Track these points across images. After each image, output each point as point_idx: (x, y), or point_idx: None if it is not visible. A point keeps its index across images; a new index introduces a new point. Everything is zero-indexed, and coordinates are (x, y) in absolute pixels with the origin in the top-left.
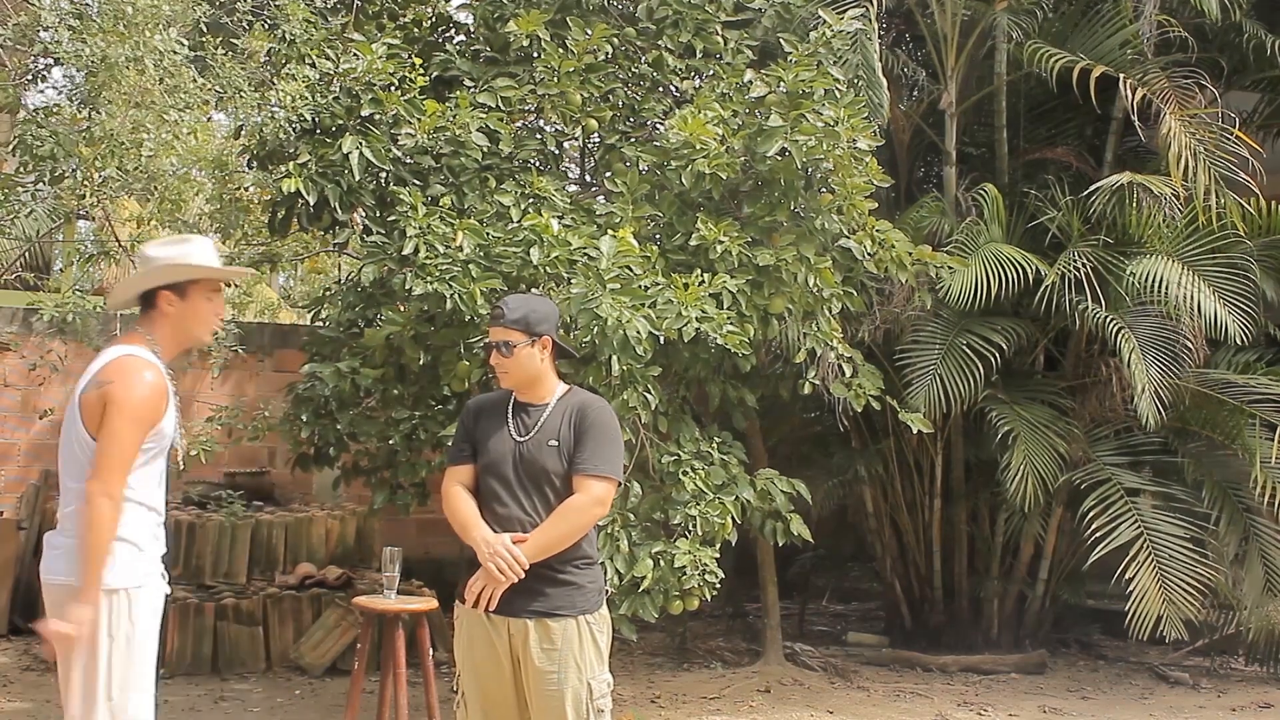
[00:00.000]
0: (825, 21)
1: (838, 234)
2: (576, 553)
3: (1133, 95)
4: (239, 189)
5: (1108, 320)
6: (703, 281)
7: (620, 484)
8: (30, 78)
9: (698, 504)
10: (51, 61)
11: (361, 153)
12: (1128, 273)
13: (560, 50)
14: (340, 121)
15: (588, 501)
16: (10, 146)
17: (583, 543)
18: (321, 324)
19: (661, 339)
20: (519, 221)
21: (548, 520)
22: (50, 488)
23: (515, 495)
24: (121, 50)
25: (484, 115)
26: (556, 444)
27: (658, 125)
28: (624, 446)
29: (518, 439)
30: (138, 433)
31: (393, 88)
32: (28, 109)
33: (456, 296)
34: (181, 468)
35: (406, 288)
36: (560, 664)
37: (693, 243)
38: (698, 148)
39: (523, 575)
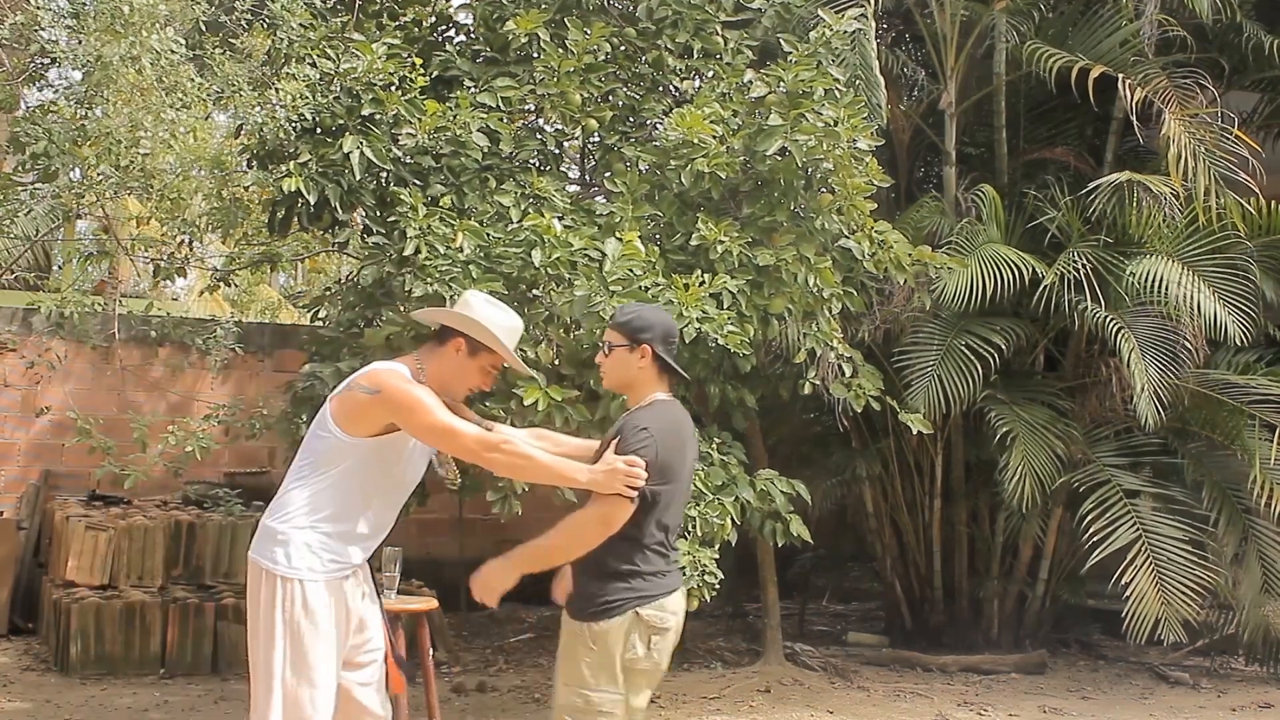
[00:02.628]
0: (825, 21)
1: (838, 234)
2: (593, 563)
3: (1132, 95)
4: (239, 188)
5: (1107, 320)
6: (703, 282)
7: (634, 499)
8: (28, 77)
9: (697, 505)
10: (49, 60)
11: (362, 152)
12: (1127, 273)
13: (560, 50)
14: (340, 121)
15: (588, 517)
16: (7, 145)
17: (606, 556)
18: (321, 324)
19: None
20: (519, 222)
21: (552, 529)
22: (50, 487)
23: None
24: (118, 49)
25: (484, 115)
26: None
27: (658, 125)
28: (647, 459)
29: None
30: (432, 400)
31: (393, 88)
32: (26, 105)
33: (457, 297)
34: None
35: (407, 289)
36: (559, 659)
37: (693, 243)
38: (697, 144)
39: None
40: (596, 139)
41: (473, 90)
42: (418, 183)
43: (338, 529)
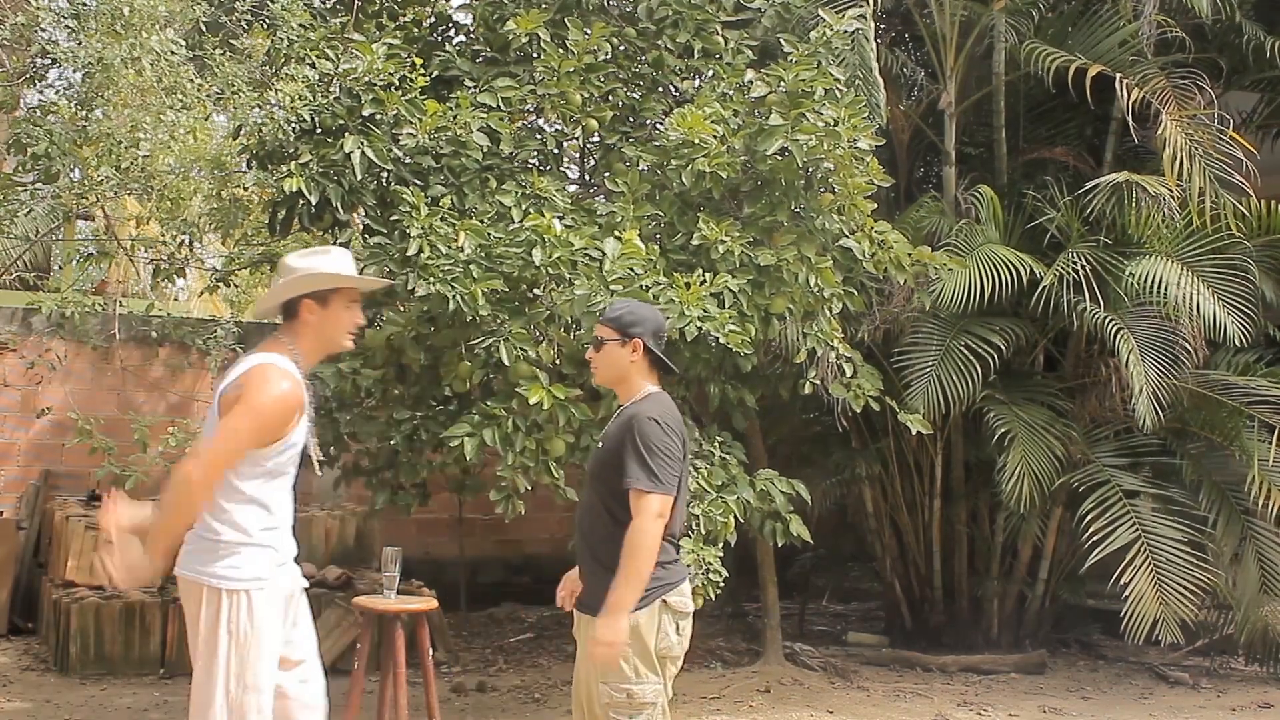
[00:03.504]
0: (825, 21)
1: (838, 234)
2: (611, 556)
3: (1129, 96)
4: (239, 189)
5: (1107, 321)
6: (704, 281)
7: (664, 485)
8: (28, 77)
9: (700, 503)
10: (49, 61)
11: (363, 152)
12: (1127, 273)
13: (560, 50)
14: (341, 121)
15: (639, 523)
16: (7, 145)
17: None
18: None
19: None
20: (520, 222)
21: (620, 565)
22: (50, 487)
23: (586, 489)
24: (118, 50)
25: (485, 115)
26: (601, 445)
27: (658, 125)
28: (668, 447)
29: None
30: (254, 438)
31: (393, 88)
32: (27, 106)
33: (458, 297)
34: (318, 474)
35: (408, 289)
36: (582, 657)
37: (694, 242)
38: (697, 144)
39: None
40: (597, 139)
41: (473, 90)
42: (418, 183)
43: (274, 526)
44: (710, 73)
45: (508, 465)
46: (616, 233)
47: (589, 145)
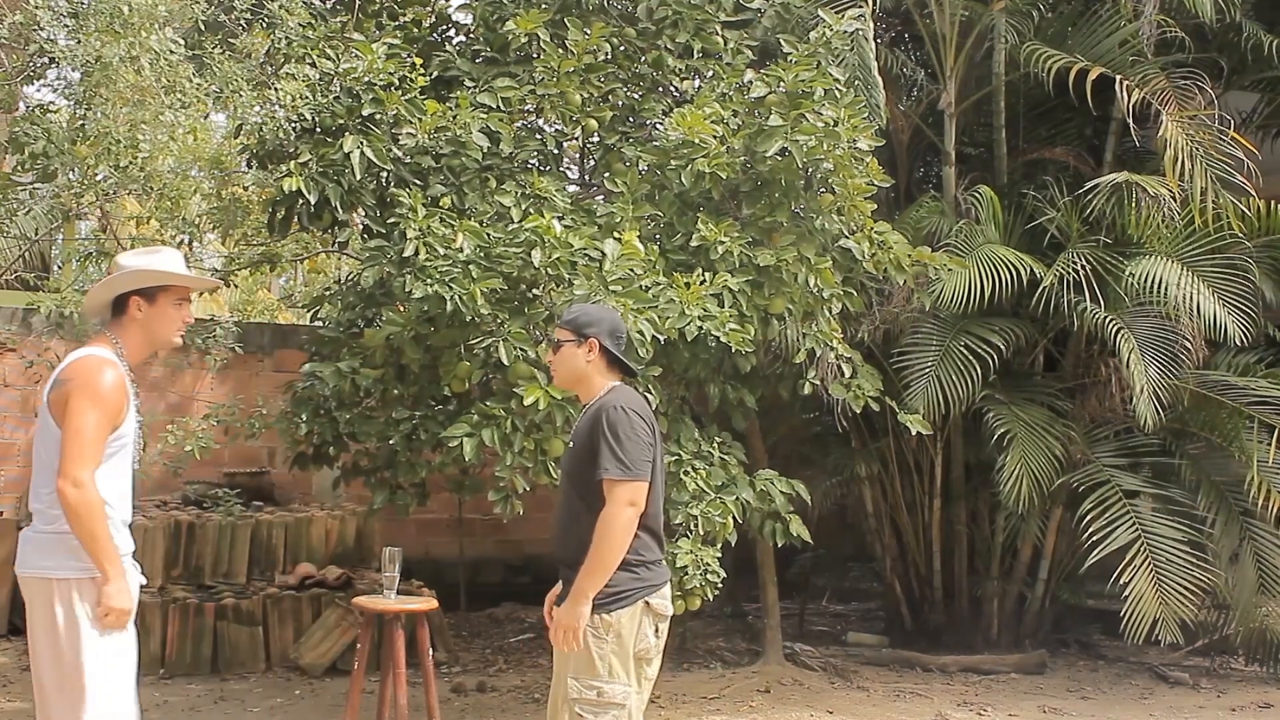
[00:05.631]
0: (824, 21)
1: (838, 234)
2: (584, 554)
3: (1129, 97)
4: (238, 188)
5: (1107, 321)
6: (704, 281)
7: (635, 472)
8: (27, 76)
9: (699, 504)
10: (48, 60)
11: (362, 152)
12: (1127, 273)
13: (560, 50)
14: (341, 121)
15: (610, 511)
16: (5, 144)
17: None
18: (321, 324)
19: (662, 339)
20: (519, 222)
21: (590, 551)
22: None
23: (561, 492)
24: (117, 49)
25: (484, 115)
26: (572, 444)
27: (658, 125)
28: (636, 434)
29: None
30: (102, 425)
31: (393, 88)
32: (25, 105)
33: (457, 298)
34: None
35: (407, 289)
36: (561, 655)
37: (693, 243)
38: (697, 144)
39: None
40: (596, 139)
41: (473, 90)
42: (418, 183)
43: (117, 519)
44: (710, 73)
45: (506, 465)
46: (616, 233)
47: (588, 145)
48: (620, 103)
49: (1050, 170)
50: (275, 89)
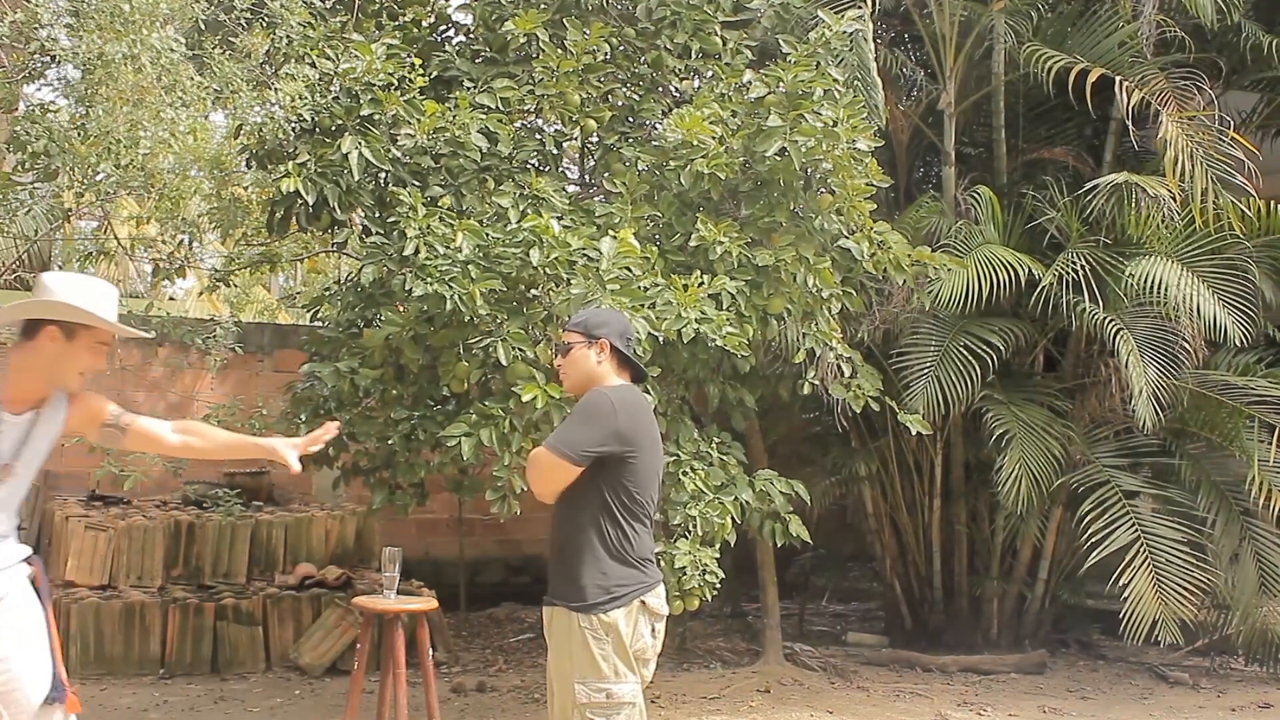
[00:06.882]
0: (824, 22)
1: (837, 234)
2: (582, 549)
3: (1128, 98)
4: (238, 188)
5: (1106, 321)
6: (702, 282)
7: (566, 454)
8: (27, 75)
9: (697, 504)
10: (48, 59)
11: (361, 153)
12: (1126, 273)
13: (559, 50)
14: (340, 121)
15: (530, 470)
16: (6, 143)
17: (594, 539)
18: (321, 324)
19: (661, 339)
20: (518, 222)
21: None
22: (50, 487)
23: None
24: (118, 48)
25: (483, 116)
26: None
27: (657, 125)
28: (602, 426)
29: None
30: None
31: (392, 88)
32: (26, 104)
33: (456, 297)
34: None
35: (406, 289)
36: (555, 652)
37: (692, 243)
38: (696, 145)
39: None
40: (595, 139)
41: (472, 90)
42: (416, 183)
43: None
44: (709, 73)
45: (503, 465)
46: (613, 233)
47: (588, 145)
48: (619, 103)
49: (1050, 170)
50: (275, 89)
